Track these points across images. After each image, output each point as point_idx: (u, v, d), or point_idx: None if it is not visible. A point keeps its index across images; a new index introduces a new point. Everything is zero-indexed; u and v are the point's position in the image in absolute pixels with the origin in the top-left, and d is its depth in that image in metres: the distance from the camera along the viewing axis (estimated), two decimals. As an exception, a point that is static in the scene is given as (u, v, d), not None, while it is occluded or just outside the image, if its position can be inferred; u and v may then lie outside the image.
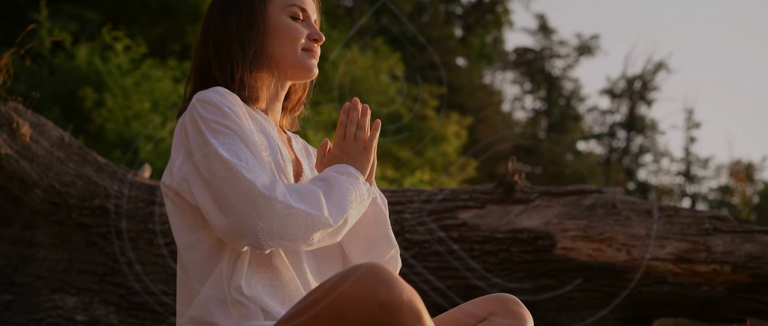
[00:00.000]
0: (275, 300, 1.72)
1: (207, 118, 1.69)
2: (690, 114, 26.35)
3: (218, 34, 1.85)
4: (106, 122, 9.28)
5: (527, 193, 3.81)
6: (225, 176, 1.63)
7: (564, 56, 26.96)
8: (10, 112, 3.67)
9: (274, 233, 1.61)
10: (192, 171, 1.68)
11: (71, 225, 3.80)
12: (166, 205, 1.78)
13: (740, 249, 3.50)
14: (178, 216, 1.75)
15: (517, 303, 1.82)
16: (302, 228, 1.63)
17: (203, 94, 1.73)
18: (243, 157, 1.65)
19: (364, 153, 1.83)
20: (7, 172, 3.66)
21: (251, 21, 1.84)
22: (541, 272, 3.67)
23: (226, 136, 1.67)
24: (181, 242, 1.76)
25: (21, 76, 8.78)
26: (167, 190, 1.75)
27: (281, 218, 1.61)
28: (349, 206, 1.71)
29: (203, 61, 1.88)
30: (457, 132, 15.45)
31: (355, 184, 1.76)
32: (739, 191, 26.07)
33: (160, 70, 10.01)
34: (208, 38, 1.87)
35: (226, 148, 1.65)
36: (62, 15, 10.62)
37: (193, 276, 1.74)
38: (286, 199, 1.62)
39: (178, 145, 1.74)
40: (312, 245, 1.68)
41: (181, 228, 1.75)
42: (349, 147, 1.82)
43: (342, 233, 1.73)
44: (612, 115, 27.05)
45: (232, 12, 1.86)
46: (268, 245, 1.63)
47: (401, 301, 1.45)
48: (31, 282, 3.74)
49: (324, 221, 1.65)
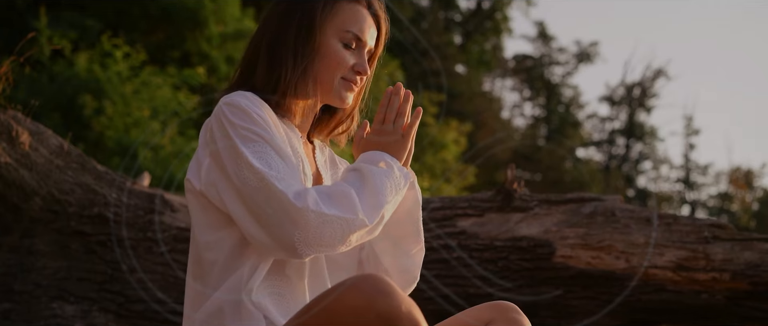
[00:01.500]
0: (279, 309, 1.71)
1: (236, 123, 1.67)
2: (689, 121, 26.38)
3: (274, 40, 1.82)
4: (105, 129, 9.28)
5: (526, 201, 3.81)
6: (257, 186, 1.61)
7: (563, 63, 26.99)
8: (10, 120, 3.67)
9: (311, 242, 1.60)
10: (222, 178, 1.66)
11: (70, 234, 3.80)
12: (189, 201, 1.76)
13: (739, 257, 3.50)
14: (201, 213, 1.74)
15: (516, 311, 1.82)
16: (338, 234, 1.62)
17: (231, 98, 1.71)
18: (274, 166, 1.64)
19: (402, 140, 1.80)
20: (6, 181, 3.66)
21: (308, 36, 1.81)
22: (541, 280, 3.67)
23: (255, 143, 1.66)
24: (200, 240, 1.74)
25: (20, 84, 8.78)
26: (192, 187, 1.74)
27: (316, 227, 1.59)
28: (384, 201, 1.69)
29: (250, 62, 1.85)
30: (456, 139, 15.46)
31: (390, 175, 1.73)
32: (738, 198, 26.07)
33: (160, 77, 10.01)
34: (261, 42, 1.84)
35: (256, 156, 1.64)
36: (62, 22, 10.62)
37: (208, 276, 1.73)
38: (318, 207, 1.60)
39: (203, 147, 1.72)
40: (351, 246, 1.66)
41: (202, 226, 1.74)
42: (387, 132, 1.80)
43: (380, 228, 1.71)
44: (611, 121, 27.08)
45: (292, 22, 1.82)
46: (306, 254, 1.62)
47: (400, 312, 1.46)
48: (31, 291, 3.74)
49: (359, 223, 1.64)
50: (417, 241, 1.92)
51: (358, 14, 1.85)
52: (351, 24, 1.84)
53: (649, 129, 26.78)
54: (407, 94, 1.82)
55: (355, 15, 1.85)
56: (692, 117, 28.42)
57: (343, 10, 1.84)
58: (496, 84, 27.40)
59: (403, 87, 1.83)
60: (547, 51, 26.97)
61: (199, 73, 10.31)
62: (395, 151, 1.79)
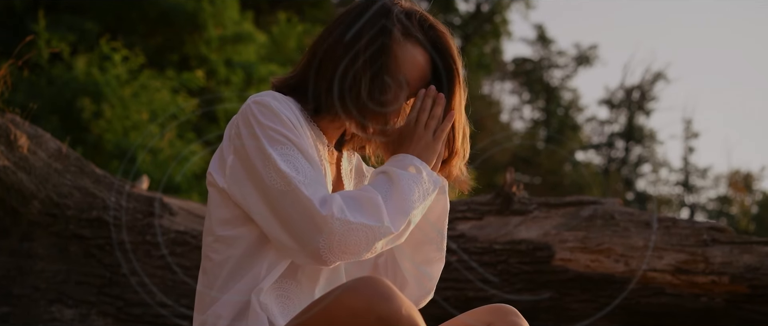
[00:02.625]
0: (283, 312, 1.70)
1: (264, 123, 1.66)
2: (688, 124, 26.36)
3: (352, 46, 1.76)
4: (104, 133, 9.27)
5: (525, 204, 3.81)
6: (284, 190, 1.60)
7: (562, 66, 26.98)
8: (8, 124, 3.67)
9: (335, 249, 1.59)
10: (247, 179, 1.65)
11: (69, 237, 3.79)
12: (210, 194, 1.75)
13: (739, 260, 3.49)
14: (221, 209, 1.72)
15: (515, 314, 1.81)
16: (363, 241, 1.60)
17: (260, 97, 1.70)
18: (301, 170, 1.63)
19: (433, 143, 1.78)
20: (4, 184, 3.65)
21: (380, 60, 1.75)
22: (540, 283, 3.67)
23: (283, 146, 1.64)
24: (217, 235, 1.72)
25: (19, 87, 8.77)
26: (214, 182, 1.72)
27: (340, 234, 1.58)
28: (411, 207, 1.67)
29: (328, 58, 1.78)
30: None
31: (419, 180, 1.71)
32: (738, 201, 26.07)
33: (159, 80, 10.01)
34: (340, 40, 1.77)
35: (284, 159, 1.63)
36: (61, 25, 10.62)
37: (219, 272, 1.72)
38: (343, 215, 1.59)
39: (228, 144, 1.71)
40: (376, 252, 1.65)
41: (220, 221, 1.72)
42: (418, 135, 1.78)
43: (406, 234, 1.69)
44: (610, 125, 27.07)
45: (371, 37, 1.76)
46: (331, 261, 1.61)
47: (400, 315, 1.45)
48: (29, 294, 3.73)
49: (385, 230, 1.62)
50: (439, 249, 1.90)
51: (417, 63, 1.81)
52: (409, 70, 1.80)
53: (649, 132, 26.77)
54: (440, 96, 1.80)
55: (415, 62, 1.81)
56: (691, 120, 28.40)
57: (408, 51, 1.79)
58: (496, 87, 27.42)
59: (435, 90, 1.81)
60: (547, 54, 26.97)
61: (197, 76, 10.31)
62: (425, 154, 1.77)
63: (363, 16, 1.78)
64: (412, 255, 1.88)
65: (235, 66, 11.32)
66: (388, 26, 1.76)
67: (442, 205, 1.88)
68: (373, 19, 1.77)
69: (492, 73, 25.06)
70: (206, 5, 11.17)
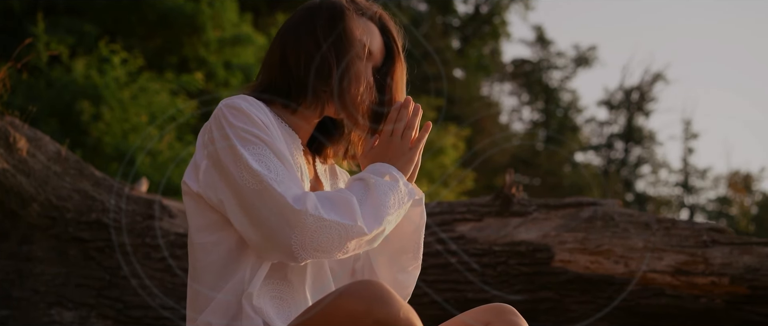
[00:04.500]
0: (280, 314, 1.70)
1: (236, 125, 1.67)
2: (688, 125, 26.37)
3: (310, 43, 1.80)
4: (103, 135, 9.27)
5: (525, 206, 3.81)
6: (256, 188, 1.61)
7: (561, 67, 26.98)
8: (7, 126, 3.67)
9: (307, 245, 1.59)
10: (220, 180, 1.66)
11: (68, 240, 3.79)
12: (186, 204, 1.75)
13: (738, 261, 3.49)
14: (198, 216, 1.73)
15: (514, 313, 1.82)
16: (336, 239, 1.61)
17: (231, 100, 1.71)
18: (272, 168, 1.63)
19: (409, 153, 1.80)
20: (3, 187, 3.65)
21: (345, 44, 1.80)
22: (540, 284, 3.67)
23: (255, 146, 1.65)
24: (197, 242, 1.73)
25: (18, 90, 8.77)
26: (189, 189, 1.73)
27: (313, 231, 1.59)
28: (386, 212, 1.68)
29: (272, 66, 1.83)
30: (454, 143, 15.46)
31: (395, 188, 1.72)
32: (737, 202, 26.07)
33: (158, 82, 10.00)
34: (285, 47, 1.82)
35: (255, 158, 1.63)
36: (59, 28, 10.62)
37: (204, 279, 1.72)
38: (317, 212, 1.59)
39: (201, 149, 1.72)
40: (348, 253, 1.65)
41: (200, 228, 1.73)
42: (395, 145, 1.80)
43: (380, 239, 1.70)
44: (610, 126, 27.07)
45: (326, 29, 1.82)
46: (303, 257, 1.61)
47: (398, 318, 1.45)
48: (29, 297, 3.73)
49: (358, 230, 1.63)
50: (415, 258, 1.93)
51: (370, 30, 1.87)
52: (362, 37, 1.85)
53: (648, 133, 26.78)
54: (417, 107, 1.83)
55: (367, 30, 1.86)
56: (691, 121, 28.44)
57: (357, 24, 1.85)
58: (495, 88, 27.42)
59: (412, 100, 1.83)
60: (546, 55, 26.97)
61: (197, 78, 10.30)
62: (402, 164, 1.79)
63: (316, 11, 1.84)
64: (389, 264, 1.90)
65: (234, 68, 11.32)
66: (341, 9, 1.83)
67: (419, 217, 1.89)
68: (326, 8, 1.83)
69: (491, 75, 25.06)
70: (205, 7, 11.16)
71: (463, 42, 23.12)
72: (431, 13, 21.49)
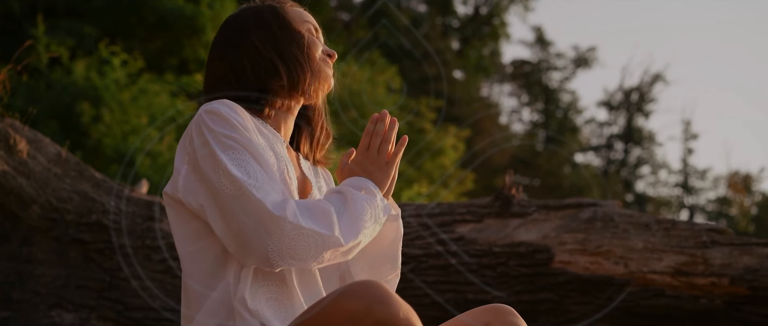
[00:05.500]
0: (277, 315, 1.70)
1: (215, 130, 1.67)
2: (687, 125, 26.37)
3: (253, 48, 1.83)
4: (103, 137, 9.27)
5: (525, 207, 3.81)
6: (234, 194, 1.61)
7: (561, 68, 26.99)
8: (7, 128, 3.67)
9: (284, 253, 1.60)
10: (200, 186, 1.66)
11: (68, 241, 3.79)
12: (169, 214, 1.76)
13: (738, 262, 3.49)
14: (181, 225, 1.73)
15: (513, 314, 1.82)
16: (312, 248, 1.61)
17: (211, 106, 1.71)
18: (252, 174, 1.63)
19: (386, 167, 1.81)
20: (4, 189, 3.65)
21: (287, 35, 1.85)
22: (540, 285, 3.67)
23: (235, 151, 1.65)
24: (184, 251, 1.73)
25: (18, 92, 8.78)
26: (170, 200, 1.73)
27: (290, 238, 1.59)
28: (362, 226, 1.69)
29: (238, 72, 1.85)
30: (454, 144, 15.46)
31: (372, 202, 1.73)
32: (737, 202, 26.06)
33: (158, 84, 10.01)
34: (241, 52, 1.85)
35: (235, 163, 1.63)
36: (60, 30, 10.63)
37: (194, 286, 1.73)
38: (296, 219, 1.60)
39: (181, 155, 1.72)
40: (322, 263, 1.66)
41: (184, 237, 1.73)
42: (371, 159, 1.80)
43: (355, 251, 1.71)
44: (609, 126, 27.07)
45: (261, 27, 1.86)
46: (278, 264, 1.61)
47: (398, 319, 1.45)
48: (29, 299, 3.73)
49: (334, 240, 1.63)
50: (394, 268, 1.94)
51: (303, 11, 1.93)
52: (305, 17, 1.92)
53: (648, 133, 26.78)
54: (393, 121, 1.83)
55: (302, 11, 1.93)
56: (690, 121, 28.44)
57: (290, 10, 1.91)
58: (495, 89, 27.42)
59: (389, 114, 1.83)
60: (545, 56, 26.97)
61: (196, 79, 10.30)
62: (378, 178, 1.80)
63: (246, 14, 1.89)
64: (368, 274, 1.91)
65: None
66: (270, 6, 1.89)
67: (397, 230, 1.91)
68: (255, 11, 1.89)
69: (491, 76, 25.07)
70: (205, 9, 11.17)
71: (463, 43, 23.13)
72: (431, 14, 21.49)
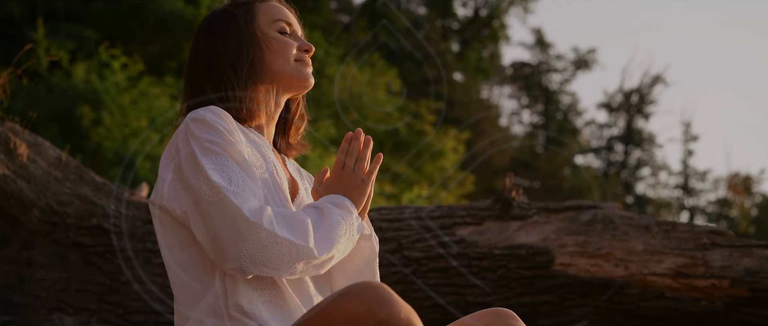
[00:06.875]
0: (275, 317, 1.71)
1: (199, 136, 1.68)
2: (687, 127, 26.38)
3: (208, 55, 1.86)
4: (103, 140, 9.28)
5: (525, 209, 3.81)
6: (213, 200, 1.61)
7: (561, 70, 27.01)
8: (7, 132, 3.67)
9: (257, 259, 1.60)
10: (182, 192, 1.67)
11: (69, 245, 3.79)
12: (155, 224, 1.77)
13: (738, 264, 3.49)
14: (168, 234, 1.74)
15: (513, 318, 1.82)
16: (285, 257, 1.61)
17: (196, 113, 1.72)
18: (234, 180, 1.64)
19: (361, 185, 1.81)
20: (4, 193, 3.65)
21: (240, 40, 1.85)
22: (540, 288, 3.67)
23: (217, 156, 1.66)
24: (172, 260, 1.74)
25: (18, 95, 8.78)
26: (156, 209, 1.74)
27: (264, 245, 1.59)
28: (337, 240, 1.69)
29: (196, 81, 1.87)
30: (454, 146, 15.47)
31: (348, 219, 1.74)
32: (737, 204, 26.06)
33: (158, 87, 10.02)
34: (198, 59, 1.87)
35: (217, 168, 1.64)
36: (59, 33, 10.64)
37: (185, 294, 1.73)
38: (272, 227, 1.60)
39: (166, 163, 1.72)
40: (294, 274, 1.66)
41: (172, 246, 1.74)
42: (347, 177, 1.81)
43: (327, 266, 1.71)
44: (609, 128, 27.08)
45: (219, 33, 1.87)
46: (250, 271, 1.62)
47: (399, 320, 1.45)
48: (30, 303, 3.73)
49: (308, 252, 1.64)
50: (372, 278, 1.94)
51: (276, 7, 1.93)
52: (275, 15, 1.91)
53: (648, 135, 26.79)
54: (367, 139, 1.83)
55: (274, 8, 1.93)
56: (690, 123, 28.45)
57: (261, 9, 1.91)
58: (494, 91, 27.43)
59: (363, 133, 1.84)
60: (545, 58, 26.99)
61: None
62: (354, 196, 1.80)
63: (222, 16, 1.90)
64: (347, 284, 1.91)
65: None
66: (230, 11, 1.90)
67: (371, 249, 1.92)
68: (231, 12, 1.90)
69: (491, 78, 25.08)
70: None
71: (463, 45, 23.14)
72: (431, 17, 21.50)
